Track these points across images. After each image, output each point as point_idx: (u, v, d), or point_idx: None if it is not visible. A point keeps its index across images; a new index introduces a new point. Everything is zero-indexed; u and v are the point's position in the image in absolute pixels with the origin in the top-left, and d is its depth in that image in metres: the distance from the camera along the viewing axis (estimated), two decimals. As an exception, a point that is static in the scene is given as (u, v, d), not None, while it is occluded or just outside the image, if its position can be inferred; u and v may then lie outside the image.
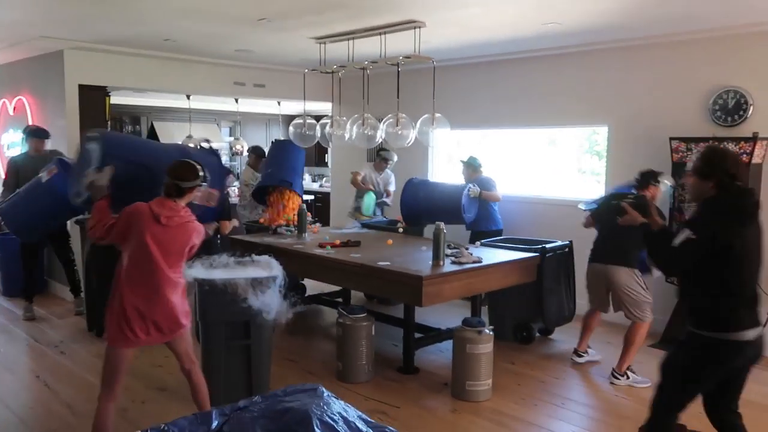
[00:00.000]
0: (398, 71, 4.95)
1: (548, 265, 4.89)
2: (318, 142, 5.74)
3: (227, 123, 10.61)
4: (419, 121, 4.89)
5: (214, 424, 2.20)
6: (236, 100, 8.58)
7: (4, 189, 5.69)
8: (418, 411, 3.81)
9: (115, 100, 7.93)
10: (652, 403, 2.74)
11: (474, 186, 5.93)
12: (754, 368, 2.66)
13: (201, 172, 2.97)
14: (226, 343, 3.68)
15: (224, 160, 9.65)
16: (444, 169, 7.42)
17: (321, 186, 10.91)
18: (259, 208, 6.27)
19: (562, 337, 5.23)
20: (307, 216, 5.70)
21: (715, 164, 2.59)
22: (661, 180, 4.39)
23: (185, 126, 9.05)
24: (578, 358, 4.68)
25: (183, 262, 2.99)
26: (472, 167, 6.18)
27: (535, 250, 4.82)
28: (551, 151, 6.92)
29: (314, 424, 2.04)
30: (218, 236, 4.65)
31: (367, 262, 4.34)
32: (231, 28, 5.17)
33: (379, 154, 6.67)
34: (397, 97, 4.93)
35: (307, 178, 10.95)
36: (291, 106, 9.41)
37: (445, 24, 4.90)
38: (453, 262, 4.28)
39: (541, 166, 6.88)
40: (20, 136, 6.79)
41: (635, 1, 4.20)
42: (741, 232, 2.53)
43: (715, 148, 2.83)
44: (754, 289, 2.60)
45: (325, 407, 2.17)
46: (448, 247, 4.67)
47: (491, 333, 4.02)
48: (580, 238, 5.65)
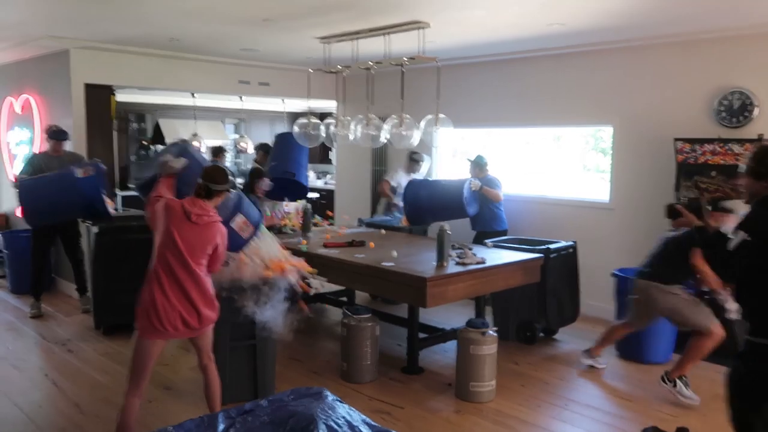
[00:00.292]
0: (402, 72, 4.95)
1: (552, 266, 4.89)
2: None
3: (232, 120, 10.63)
4: (423, 122, 4.89)
5: (221, 428, 2.24)
6: (241, 98, 8.60)
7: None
8: (422, 412, 3.83)
9: (121, 98, 7.96)
10: (732, 424, 2.46)
11: (475, 179, 5.96)
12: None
13: (231, 178, 3.13)
14: (231, 343, 3.73)
15: (229, 158, 9.70)
16: (448, 165, 7.43)
17: (326, 183, 10.92)
18: (265, 206, 6.30)
19: (566, 337, 5.25)
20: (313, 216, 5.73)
21: None
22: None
23: (190, 123, 9.07)
24: (586, 359, 4.57)
25: (205, 260, 3.09)
26: (479, 166, 6.18)
27: (539, 251, 4.83)
28: (556, 148, 6.92)
29: (319, 429, 2.08)
30: None
31: (371, 262, 4.36)
32: (236, 28, 5.18)
33: (411, 157, 6.64)
34: (402, 98, 4.93)
35: (312, 175, 10.95)
36: (295, 104, 9.42)
37: (450, 24, 4.90)
38: (457, 264, 4.30)
39: (546, 163, 6.89)
40: (27, 134, 6.86)
41: (640, 2, 4.19)
42: None
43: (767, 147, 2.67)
44: None
45: (330, 411, 2.21)
46: (453, 248, 4.69)
47: (495, 334, 4.04)
48: (584, 238, 5.70)
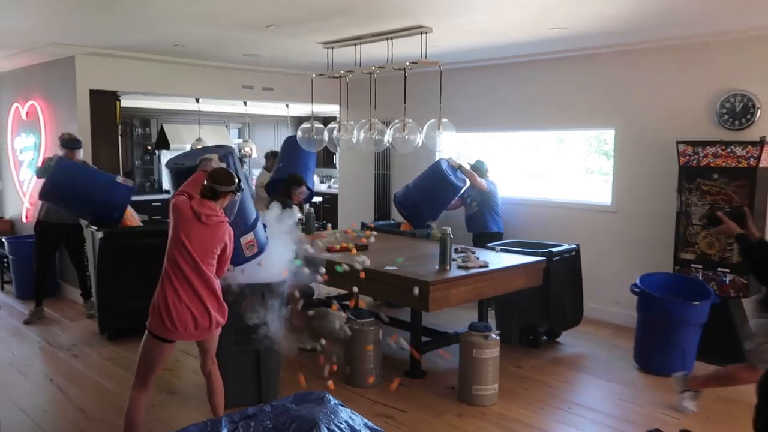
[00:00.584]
0: (405, 76, 4.97)
1: (555, 269, 4.90)
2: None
3: (236, 125, 10.68)
4: (426, 126, 4.91)
5: (224, 432, 2.25)
6: (245, 103, 8.64)
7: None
8: (425, 415, 3.84)
9: (125, 103, 8.02)
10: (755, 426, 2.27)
11: (452, 159, 6.13)
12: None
13: (236, 181, 3.13)
14: (235, 347, 3.74)
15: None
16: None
17: (329, 187, 10.94)
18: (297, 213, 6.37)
19: (570, 340, 5.24)
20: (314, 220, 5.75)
21: None
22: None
23: (194, 128, 9.12)
24: (682, 390, 3.86)
25: (214, 261, 3.11)
26: (479, 171, 6.20)
27: (542, 254, 4.84)
28: (559, 150, 6.93)
29: (321, 433, 2.09)
30: None
31: (374, 266, 4.37)
32: (240, 33, 5.21)
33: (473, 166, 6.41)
34: (404, 103, 4.95)
35: (315, 179, 10.98)
36: (299, 108, 9.46)
37: (452, 29, 4.92)
38: (459, 267, 4.31)
39: (549, 166, 6.89)
40: (33, 140, 6.91)
41: (641, 5, 4.20)
42: None
43: None
44: None
45: (332, 415, 2.22)
46: (455, 251, 4.70)
47: (498, 338, 4.04)
48: (587, 241, 5.70)
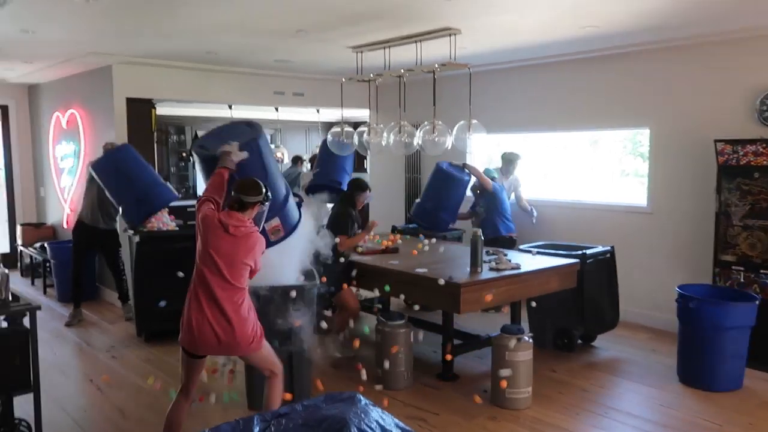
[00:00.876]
0: (434, 78, 4.96)
1: (589, 271, 4.81)
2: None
3: (268, 131, 10.82)
4: (456, 128, 4.89)
5: (256, 430, 2.27)
6: (276, 109, 8.74)
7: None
8: (457, 418, 3.81)
9: (161, 111, 8.17)
10: None
11: (451, 163, 6.17)
12: None
13: (264, 190, 3.06)
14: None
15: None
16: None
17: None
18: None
19: (606, 344, 5.14)
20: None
21: None
22: None
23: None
24: None
25: (245, 274, 3.00)
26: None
27: (576, 256, 4.76)
28: (593, 152, 6.81)
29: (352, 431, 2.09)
30: (337, 255, 4.45)
31: (405, 268, 4.37)
32: (270, 40, 5.28)
33: (502, 157, 6.45)
34: (434, 104, 4.95)
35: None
36: (330, 113, 9.53)
37: (481, 30, 4.89)
38: (491, 269, 4.27)
39: (583, 168, 6.78)
40: (73, 148, 7.12)
41: (675, 1, 4.11)
42: None
43: None
44: None
45: (363, 415, 2.21)
46: (487, 253, 4.66)
47: (530, 340, 3.99)
48: (623, 243, 5.59)
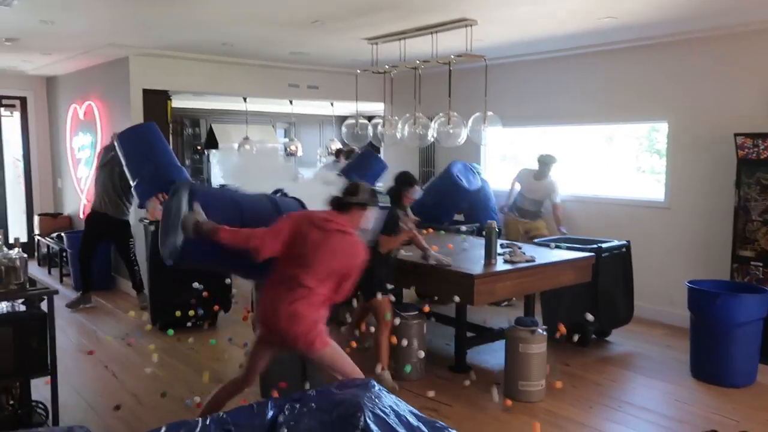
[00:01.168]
0: (450, 70, 4.94)
1: (604, 265, 4.78)
2: (370, 143, 5.80)
3: (282, 125, 10.85)
4: (471, 120, 4.88)
5: (270, 415, 2.27)
6: (291, 102, 8.76)
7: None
8: (471, 410, 3.80)
9: (176, 103, 8.24)
10: None
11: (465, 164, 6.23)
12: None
13: (367, 194, 2.89)
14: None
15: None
16: (497, 168, 7.35)
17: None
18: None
19: (620, 339, 5.10)
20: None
21: None
22: None
23: (242, 128, 9.30)
24: None
25: (325, 279, 2.76)
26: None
27: (591, 250, 4.72)
28: (609, 149, 6.75)
29: (366, 416, 2.08)
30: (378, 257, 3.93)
31: (418, 260, 4.36)
32: (286, 31, 5.29)
33: (538, 159, 6.14)
34: (449, 96, 4.93)
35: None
36: (344, 107, 9.53)
37: (498, 21, 4.86)
38: (506, 261, 4.25)
39: (599, 164, 6.72)
40: (90, 139, 7.18)
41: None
42: None
43: None
44: None
45: (377, 400, 2.21)
46: (501, 246, 4.64)
47: (544, 333, 3.97)
48: (639, 238, 5.53)
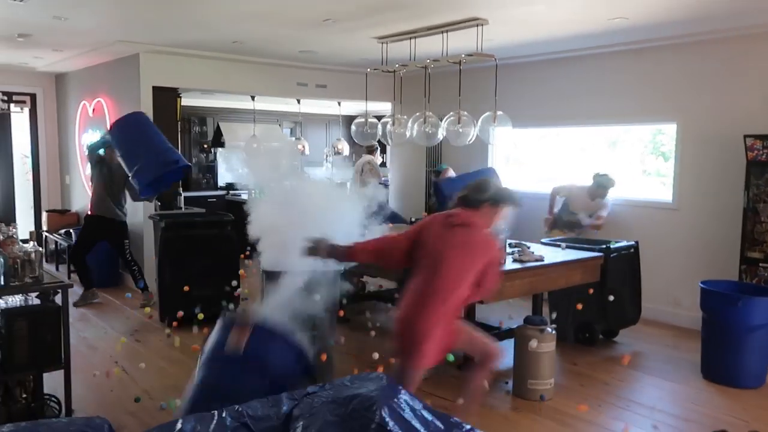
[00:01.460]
0: (460, 69, 4.95)
1: (613, 266, 4.78)
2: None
3: (289, 124, 10.87)
4: (480, 119, 4.89)
5: (285, 407, 2.29)
6: (298, 101, 8.78)
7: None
8: (479, 408, 3.80)
9: (184, 101, 8.26)
10: None
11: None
12: None
13: (499, 192, 2.82)
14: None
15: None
16: (503, 170, 7.35)
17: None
18: None
19: (627, 340, 5.10)
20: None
21: None
22: None
23: (249, 127, 9.33)
24: None
25: (460, 285, 2.60)
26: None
27: (599, 250, 4.73)
28: (614, 152, 6.73)
29: (382, 410, 2.10)
30: None
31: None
32: (296, 29, 5.31)
33: (598, 181, 5.54)
34: (459, 95, 4.94)
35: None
36: (351, 107, 9.55)
37: (509, 21, 4.87)
38: (515, 260, 4.26)
39: (604, 167, 6.69)
40: (99, 136, 7.19)
41: (708, -7, 4.07)
42: None
43: None
44: None
45: (393, 394, 2.22)
46: (509, 245, 4.64)
47: (553, 332, 3.98)
48: (647, 239, 5.53)
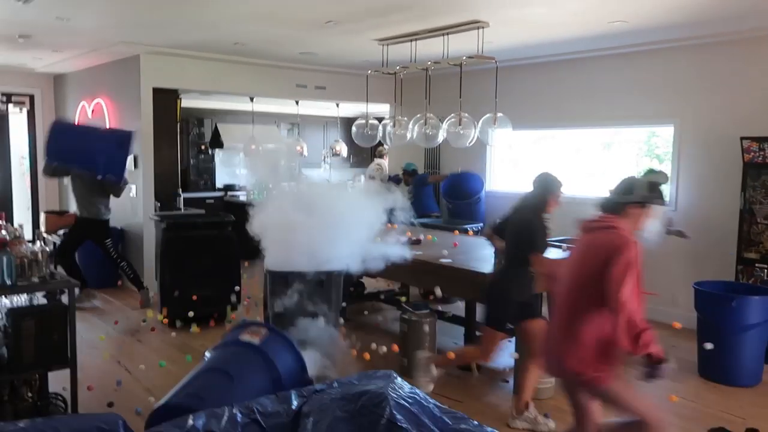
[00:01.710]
0: (461, 71, 4.99)
1: (612, 266, 4.81)
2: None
3: (286, 125, 10.89)
4: (481, 121, 4.93)
5: (294, 403, 2.31)
6: (297, 103, 8.80)
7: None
8: (481, 406, 3.84)
9: (182, 102, 8.28)
10: None
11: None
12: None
13: (646, 190, 2.54)
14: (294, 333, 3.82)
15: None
16: (501, 171, 7.40)
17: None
18: None
19: (625, 339, 5.14)
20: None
21: None
22: None
23: (247, 128, 9.34)
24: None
25: (586, 287, 2.48)
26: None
27: (599, 250, 4.76)
28: (606, 155, 6.77)
29: (391, 406, 2.13)
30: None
31: (429, 258, 4.40)
32: (299, 31, 5.34)
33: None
34: (460, 97, 4.98)
35: (362, 178, 11.08)
36: (348, 109, 9.57)
37: (509, 23, 4.92)
38: (515, 260, 4.29)
39: (598, 171, 6.72)
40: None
41: (706, -3, 4.12)
42: None
43: None
44: None
45: (400, 390, 2.26)
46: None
47: (554, 331, 4.01)
48: (644, 240, 5.57)
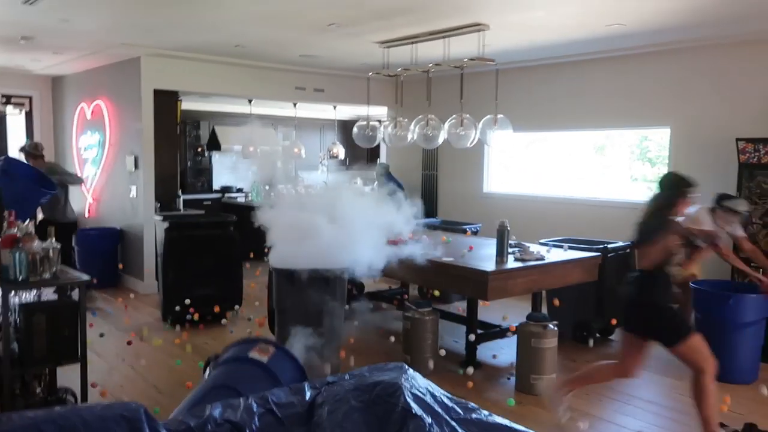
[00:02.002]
0: (462, 73, 5.07)
1: (610, 265, 4.90)
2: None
3: (284, 128, 10.92)
4: (481, 122, 5.00)
5: (308, 395, 2.36)
6: (294, 105, 8.84)
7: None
8: (483, 402, 3.87)
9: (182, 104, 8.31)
10: None
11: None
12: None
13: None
14: (299, 330, 3.86)
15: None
16: (498, 173, 7.48)
17: (372, 189, 11.05)
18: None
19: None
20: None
21: None
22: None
23: (245, 130, 9.35)
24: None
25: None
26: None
27: (598, 250, 4.85)
28: (599, 159, 6.86)
29: (405, 395, 2.18)
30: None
31: (432, 258, 4.45)
32: (300, 33, 5.39)
33: (722, 205, 4.45)
34: (461, 99, 5.05)
35: (359, 181, 11.13)
36: (346, 111, 9.63)
37: (509, 26, 5.00)
38: (517, 259, 4.37)
39: (591, 174, 6.80)
40: (97, 138, 7.22)
41: (701, 1, 4.21)
42: None
43: None
44: None
45: (413, 381, 2.31)
46: (510, 245, 4.75)
47: (556, 329, 4.08)
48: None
